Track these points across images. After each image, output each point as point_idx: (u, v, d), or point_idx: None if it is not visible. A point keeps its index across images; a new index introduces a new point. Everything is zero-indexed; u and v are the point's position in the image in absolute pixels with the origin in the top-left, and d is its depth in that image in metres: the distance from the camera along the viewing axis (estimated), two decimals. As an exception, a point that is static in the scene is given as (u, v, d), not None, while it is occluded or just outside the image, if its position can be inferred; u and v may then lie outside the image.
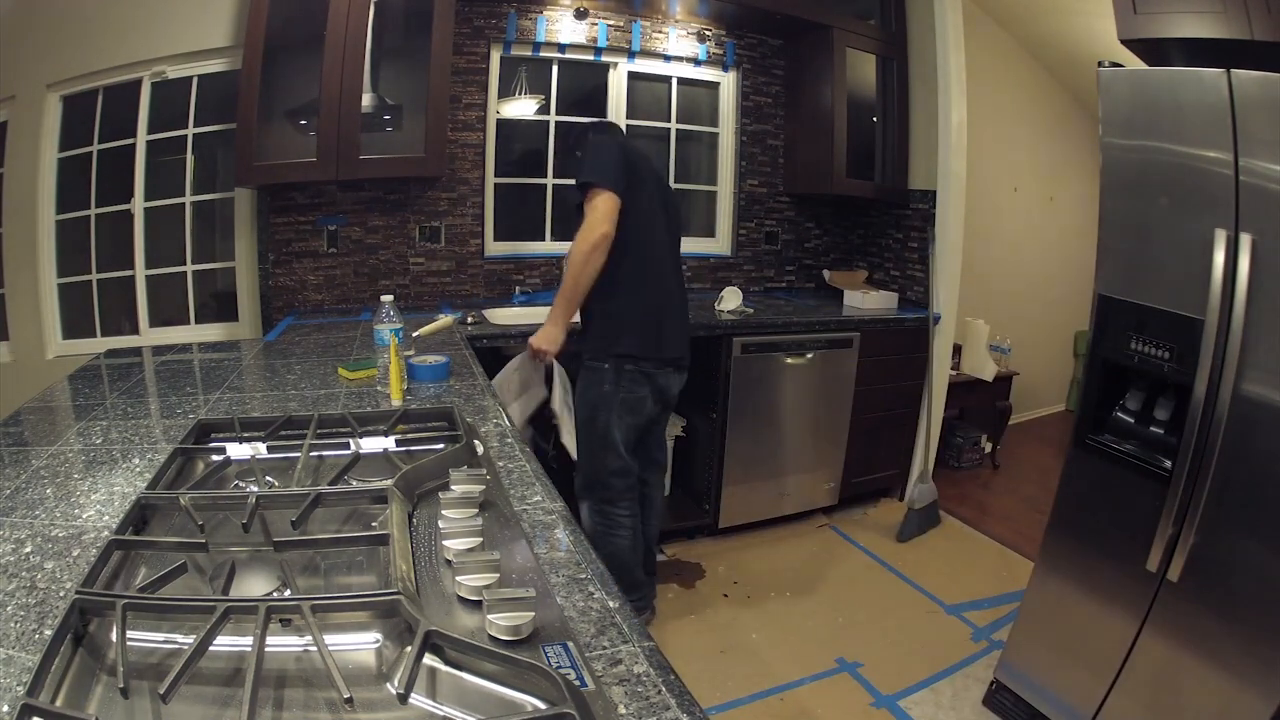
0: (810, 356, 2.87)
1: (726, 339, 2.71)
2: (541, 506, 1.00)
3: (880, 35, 3.21)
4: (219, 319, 2.79)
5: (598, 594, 0.78)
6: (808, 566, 2.77)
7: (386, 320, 1.82)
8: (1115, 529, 1.70)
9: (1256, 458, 1.43)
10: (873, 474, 3.21)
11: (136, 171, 2.60)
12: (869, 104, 3.27)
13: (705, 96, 3.39)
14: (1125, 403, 1.71)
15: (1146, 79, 1.59)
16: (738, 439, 2.82)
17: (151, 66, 2.53)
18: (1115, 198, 1.65)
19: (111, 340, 2.67)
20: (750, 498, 2.92)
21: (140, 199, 2.62)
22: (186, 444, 1.10)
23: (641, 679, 0.64)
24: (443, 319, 2.07)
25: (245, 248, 2.70)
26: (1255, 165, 1.38)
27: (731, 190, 3.43)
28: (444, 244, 2.92)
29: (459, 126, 2.86)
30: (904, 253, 3.34)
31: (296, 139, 2.49)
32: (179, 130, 2.62)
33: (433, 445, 1.13)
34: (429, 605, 0.72)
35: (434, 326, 1.99)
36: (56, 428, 1.35)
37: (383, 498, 0.90)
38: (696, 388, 2.90)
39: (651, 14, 3.08)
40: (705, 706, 0.92)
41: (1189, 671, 1.56)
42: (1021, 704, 1.91)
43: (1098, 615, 1.73)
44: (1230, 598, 1.49)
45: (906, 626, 2.39)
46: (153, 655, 0.64)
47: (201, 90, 2.60)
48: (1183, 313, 1.52)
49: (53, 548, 0.86)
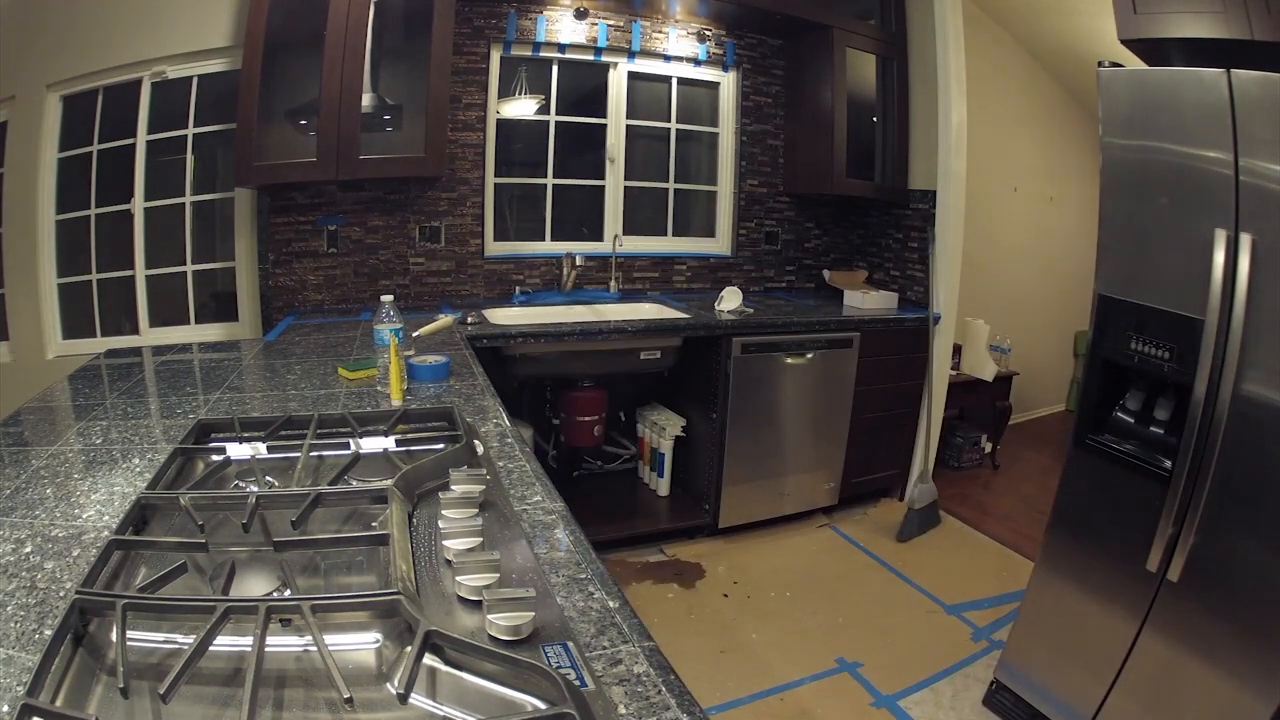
0: (810, 356, 2.87)
1: (726, 339, 2.71)
2: (541, 506, 1.00)
3: (880, 35, 3.21)
4: (219, 319, 2.79)
5: (598, 594, 0.78)
6: (808, 566, 2.77)
7: (386, 320, 1.82)
8: (1115, 529, 1.70)
9: (1256, 458, 1.43)
10: (873, 474, 3.21)
11: (136, 171, 2.60)
12: (869, 104, 3.27)
13: (705, 96, 3.39)
14: (1125, 403, 1.71)
15: (1146, 79, 1.59)
16: (738, 439, 2.82)
17: (151, 66, 2.53)
18: (1115, 198, 1.65)
19: (111, 340, 2.67)
20: (750, 498, 2.92)
21: (140, 199, 2.62)
22: (186, 444, 1.10)
23: (641, 679, 0.64)
24: (443, 319, 2.07)
25: (245, 248, 2.70)
26: (1255, 165, 1.38)
27: (731, 190, 3.43)
28: (444, 244, 2.92)
29: (459, 126, 2.86)
30: (904, 253, 3.34)
31: (296, 139, 2.49)
32: (179, 130, 2.62)
33: (433, 445, 1.13)
34: (429, 605, 0.72)
35: (434, 326, 2.00)
36: (56, 428, 1.35)
37: (383, 498, 0.89)
38: (696, 388, 2.91)
39: (651, 14, 3.08)
40: (705, 706, 0.92)
41: (1189, 671, 1.56)
42: (1021, 704, 1.91)
43: (1098, 615, 1.73)
44: (1230, 598, 1.49)
45: (906, 626, 2.39)
46: (153, 655, 0.64)
47: (201, 90, 2.60)
48: (1183, 313, 1.52)
49: (53, 548, 0.86)
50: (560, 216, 3.22)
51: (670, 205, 3.41)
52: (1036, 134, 4.09)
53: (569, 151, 3.22)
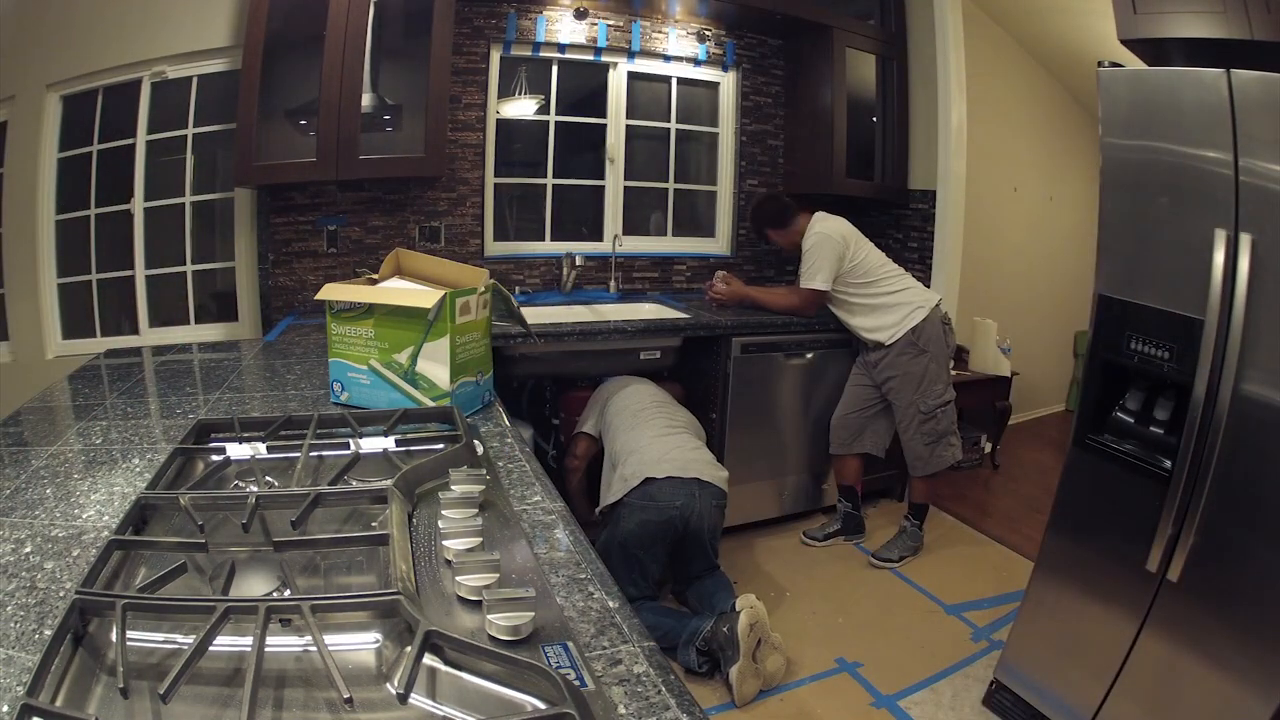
0: (810, 356, 2.87)
1: (726, 339, 2.71)
2: (541, 506, 1.00)
3: (880, 35, 3.22)
4: (219, 319, 2.79)
5: (597, 594, 0.78)
6: (808, 566, 2.77)
7: (386, 320, 1.81)
8: (1115, 529, 1.70)
9: (1256, 458, 1.43)
10: (873, 474, 3.20)
11: (136, 171, 2.59)
12: (869, 104, 3.27)
13: (705, 96, 3.39)
14: (1125, 403, 1.71)
15: (1146, 79, 1.59)
16: (737, 439, 2.82)
17: (151, 66, 2.53)
18: (1115, 198, 1.65)
19: (111, 340, 2.67)
20: (750, 497, 2.92)
21: (140, 199, 2.62)
22: (186, 444, 1.10)
23: (641, 679, 0.64)
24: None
25: (245, 248, 2.70)
26: (1255, 165, 1.38)
27: (731, 190, 3.43)
28: (444, 244, 2.92)
29: (459, 126, 2.86)
30: (904, 253, 3.34)
31: (296, 139, 2.49)
32: (179, 130, 2.61)
33: (433, 445, 1.13)
34: (429, 605, 0.72)
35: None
36: (56, 428, 1.35)
37: (383, 498, 0.89)
38: (696, 388, 2.90)
39: (651, 14, 3.08)
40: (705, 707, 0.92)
41: (1189, 671, 1.56)
42: (1021, 704, 1.91)
43: (1097, 615, 1.73)
44: (1230, 598, 1.49)
45: (906, 626, 2.39)
46: (153, 655, 0.64)
47: (201, 90, 2.59)
48: (1182, 313, 1.52)
49: (53, 548, 0.86)
50: (560, 216, 3.22)
51: (670, 205, 3.41)
52: (1036, 134, 4.09)
53: (569, 151, 3.22)
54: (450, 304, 1.28)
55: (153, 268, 2.69)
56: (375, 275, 1.49)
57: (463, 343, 1.32)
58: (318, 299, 1.38)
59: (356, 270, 2.67)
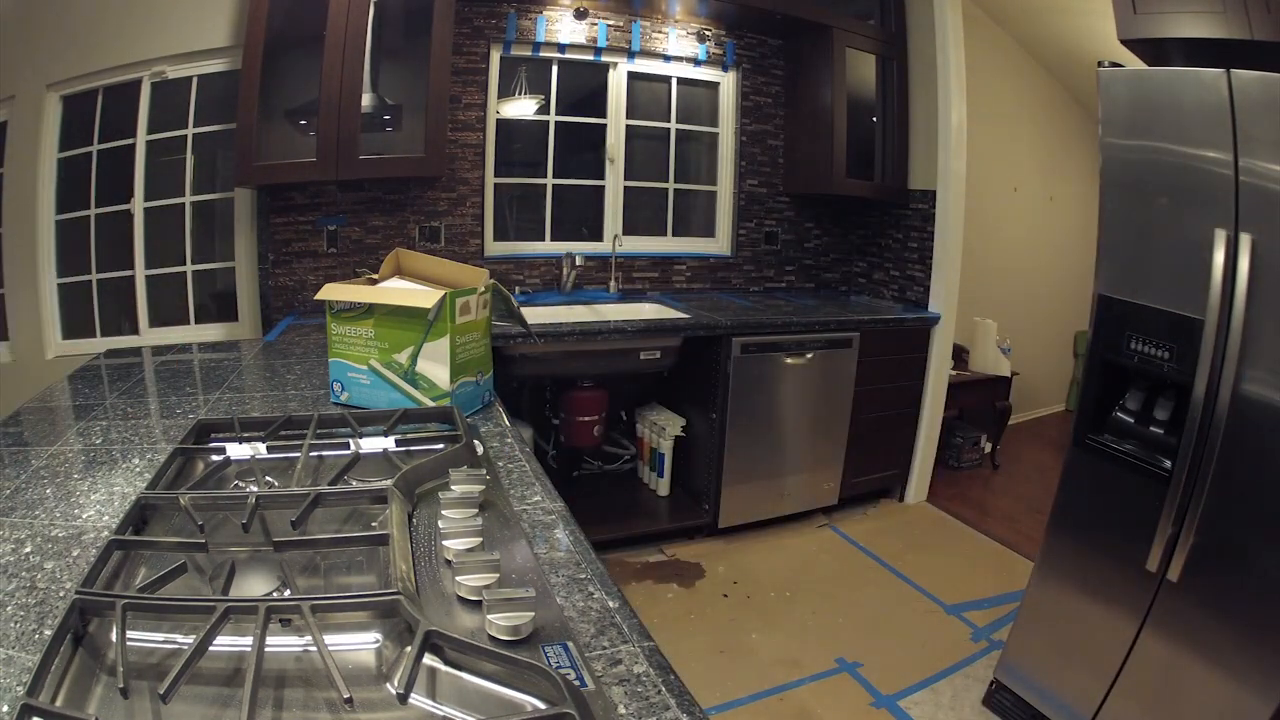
0: (810, 356, 2.87)
1: (726, 339, 2.71)
2: (541, 506, 1.00)
3: (880, 35, 3.21)
4: (219, 319, 2.79)
5: (597, 594, 0.78)
6: (808, 566, 2.77)
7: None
8: (1115, 529, 1.70)
9: (1256, 458, 1.43)
10: (873, 474, 3.21)
11: (136, 171, 2.59)
12: (869, 104, 3.27)
13: (705, 96, 3.39)
14: (1125, 403, 1.71)
15: (1146, 79, 1.59)
16: (737, 439, 2.82)
17: (151, 66, 2.53)
18: (1115, 198, 1.65)
19: (111, 340, 2.67)
20: (750, 498, 2.92)
21: (140, 199, 2.62)
22: (186, 444, 1.10)
23: (641, 679, 0.64)
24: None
25: (245, 248, 2.70)
26: (1255, 165, 1.38)
27: (731, 190, 3.43)
28: (444, 244, 2.92)
29: (459, 126, 2.86)
30: (904, 253, 3.34)
31: (296, 139, 2.49)
32: (179, 130, 2.61)
33: (433, 445, 1.13)
34: (429, 605, 0.72)
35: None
36: (56, 428, 1.35)
37: (383, 498, 0.89)
38: (696, 388, 2.91)
39: (651, 14, 3.08)
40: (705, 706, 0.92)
41: (1189, 671, 1.56)
42: (1021, 704, 1.91)
43: (1097, 615, 1.73)
44: (1230, 598, 1.49)
45: (906, 626, 2.39)
46: (153, 655, 0.64)
47: (201, 90, 2.59)
48: (1182, 313, 1.52)
49: (53, 548, 0.86)
50: (560, 216, 3.22)
51: (670, 205, 3.41)
52: (1036, 134, 4.10)
53: (569, 151, 3.22)
54: (450, 304, 1.28)
55: (153, 268, 2.69)
56: (375, 275, 1.49)
57: (463, 343, 1.32)
58: (318, 299, 1.38)
59: (356, 270, 2.67)
